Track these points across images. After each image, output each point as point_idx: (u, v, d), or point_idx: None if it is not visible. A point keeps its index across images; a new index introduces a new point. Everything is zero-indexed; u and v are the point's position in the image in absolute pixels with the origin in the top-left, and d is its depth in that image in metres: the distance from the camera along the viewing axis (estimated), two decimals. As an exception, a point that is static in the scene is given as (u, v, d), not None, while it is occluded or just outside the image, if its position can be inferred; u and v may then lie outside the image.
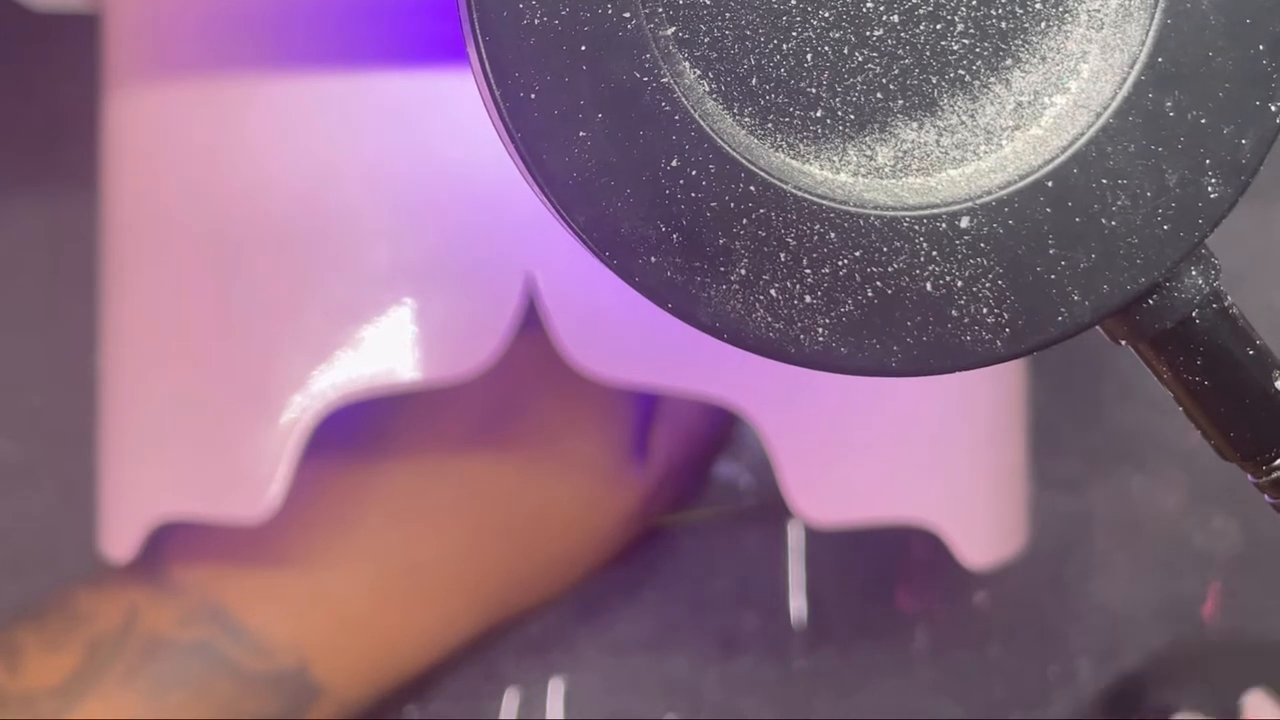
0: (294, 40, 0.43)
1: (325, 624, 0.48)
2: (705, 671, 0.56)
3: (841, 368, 0.25)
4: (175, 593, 0.48)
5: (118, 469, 0.47)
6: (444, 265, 0.43)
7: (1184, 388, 0.27)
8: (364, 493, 0.49)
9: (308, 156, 0.43)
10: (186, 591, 0.48)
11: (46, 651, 0.47)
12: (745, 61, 0.25)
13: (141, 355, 0.46)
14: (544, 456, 0.50)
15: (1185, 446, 0.56)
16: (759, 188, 0.24)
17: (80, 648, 0.47)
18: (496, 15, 0.24)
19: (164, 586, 0.48)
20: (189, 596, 0.48)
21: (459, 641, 0.51)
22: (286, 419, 0.43)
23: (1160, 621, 0.56)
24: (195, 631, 0.47)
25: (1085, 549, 0.56)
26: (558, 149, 0.24)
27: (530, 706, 0.55)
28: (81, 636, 0.47)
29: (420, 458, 0.49)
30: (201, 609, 0.47)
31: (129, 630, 0.47)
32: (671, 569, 0.56)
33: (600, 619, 0.56)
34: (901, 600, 0.56)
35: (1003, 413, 0.48)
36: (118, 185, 0.46)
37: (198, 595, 0.48)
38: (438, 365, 0.43)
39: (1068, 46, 0.25)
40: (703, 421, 0.53)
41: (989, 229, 0.25)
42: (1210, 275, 0.26)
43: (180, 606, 0.48)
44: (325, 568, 0.48)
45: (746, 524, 0.57)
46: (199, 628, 0.47)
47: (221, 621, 0.47)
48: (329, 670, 0.48)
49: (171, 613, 0.47)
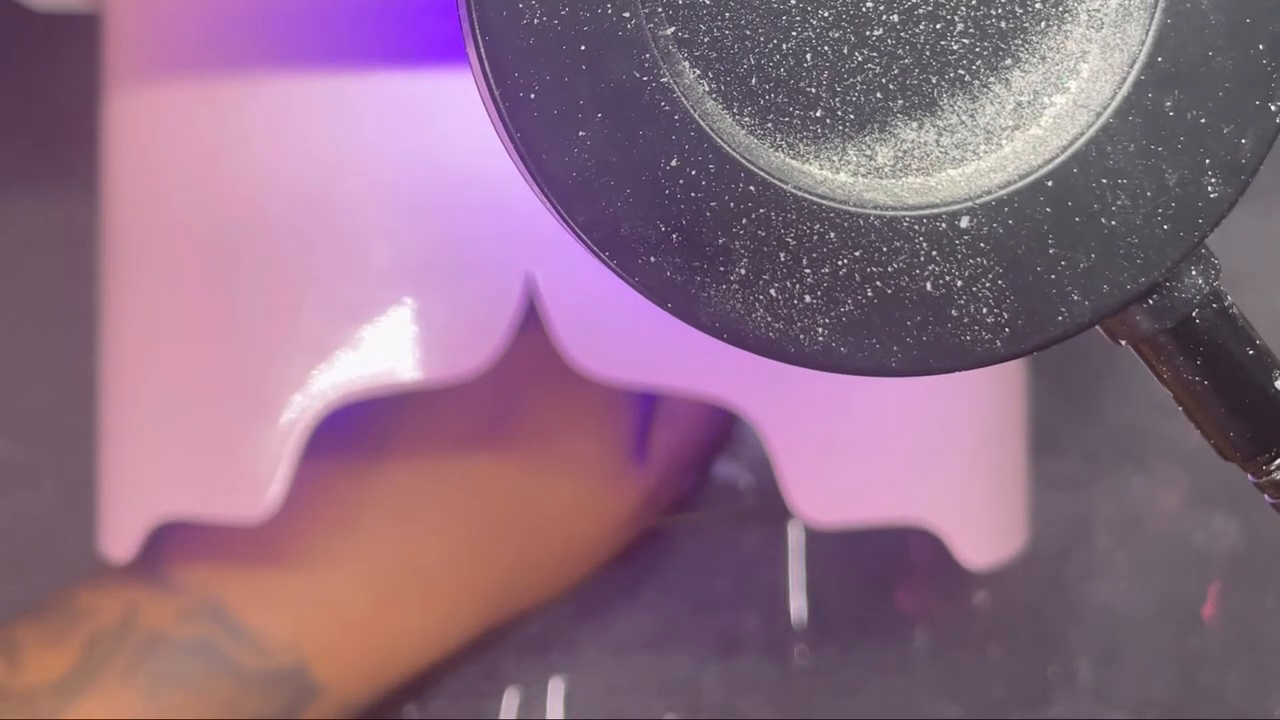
0: (294, 40, 0.43)
1: (325, 624, 0.48)
2: (705, 671, 0.56)
3: (841, 368, 0.25)
4: (175, 590, 0.48)
5: (118, 469, 0.47)
6: (444, 265, 0.43)
7: (1184, 388, 0.27)
8: (364, 493, 0.49)
9: (308, 156, 0.43)
10: (186, 589, 0.48)
11: (45, 647, 0.47)
12: (745, 61, 0.25)
13: (141, 355, 0.46)
14: (544, 456, 0.50)
15: (1185, 446, 0.56)
16: (759, 187, 0.24)
17: (79, 644, 0.47)
18: (496, 15, 0.24)
19: (164, 584, 0.48)
20: (189, 594, 0.48)
21: (459, 642, 0.51)
22: (286, 419, 0.43)
23: (1160, 621, 0.56)
24: (194, 629, 0.47)
25: (1085, 549, 0.56)
26: (557, 149, 0.24)
27: (530, 706, 0.55)
28: (80, 632, 0.47)
29: (420, 458, 0.49)
30: (201, 606, 0.47)
31: (128, 626, 0.47)
32: (671, 569, 0.56)
33: (600, 619, 0.56)
34: (901, 600, 0.56)
35: (1003, 413, 0.48)
36: (118, 185, 0.46)
37: (197, 593, 0.48)
38: (438, 365, 0.43)
39: (1067, 46, 0.25)
40: (702, 421, 0.53)
41: (989, 229, 0.25)
42: (1210, 275, 0.26)
43: (180, 603, 0.48)
44: (325, 568, 0.48)
45: (746, 524, 0.56)
46: (198, 625, 0.47)
47: (221, 619, 0.47)
48: (328, 670, 0.48)
49: (171, 609, 0.47)
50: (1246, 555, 0.56)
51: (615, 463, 0.51)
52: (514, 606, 0.52)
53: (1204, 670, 0.55)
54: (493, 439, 0.50)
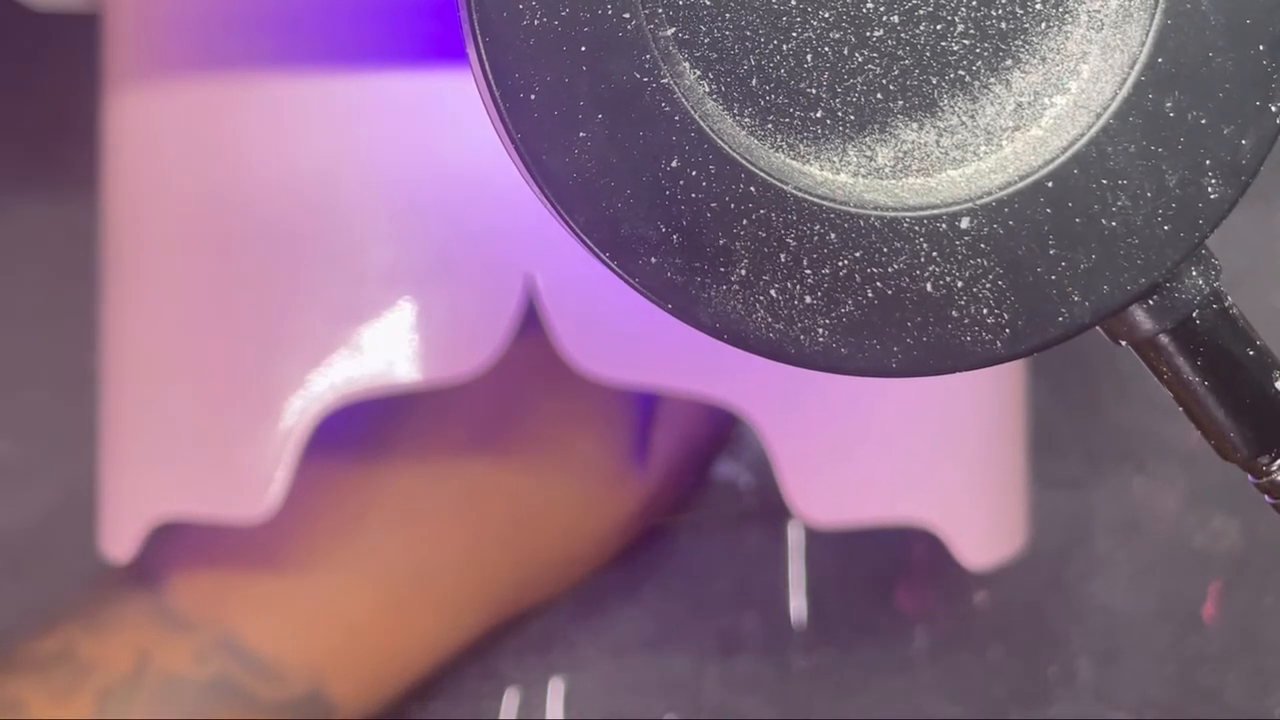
0: (294, 40, 0.43)
1: (332, 633, 0.48)
2: (705, 671, 0.56)
3: (841, 368, 0.25)
4: (185, 628, 0.47)
5: (118, 469, 0.47)
6: (444, 266, 0.43)
7: (1184, 388, 0.27)
8: (365, 498, 0.49)
9: (308, 157, 0.43)
10: (194, 625, 0.47)
11: (53, 708, 0.45)
12: (745, 62, 0.25)
13: (141, 355, 0.46)
14: (544, 457, 0.50)
15: (1185, 446, 0.56)
16: (759, 188, 0.24)
17: (90, 700, 0.46)
18: (496, 16, 0.24)
19: (171, 621, 0.47)
20: (201, 632, 0.47)
21: (463, 644, 0.51)
22: (286, 419, 0.43)
23: (1160, 621, 0.56)
24: (210, 667, 0.46)
25: (1085, 549, 0.56)
26: (557, 150, 0.24)
27: (530, 706, 0.55)
28: (91, 688, 0.46)
29: (420, 461, 0.49)
30: (215, 643, 0.47)
31: (142, 674, 0.46)
32: (671, 569, 0.56)
33: (600, 619, 0.56)
34: (901, 600, 0.56)
35: (1003, 413, 0.48)
36: (118, 185, 0.46)
37: (209, 629, 0.47)
38: (437, 366, 0.43)
39: (1068, 47, 0.25)
40: (703, 422, 0.53)
41: (989, 230, 0.25)
42: (1210, 276, 0.26)
43: (194, 643, 0.47)
44: (327, 575, 0.48)
45: (746, 524, 0.56)
46: (215, 663, 0.46)
47: (236, 653, 0.47)
48: (341, 684, 0.48)
49: (186, 651, 0.46)
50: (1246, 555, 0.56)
51: (615, 464, 0.51)
52: (515, 607, 0.52)
53: (1204, 670, 0.55)
54: (492, 440, 0.49)
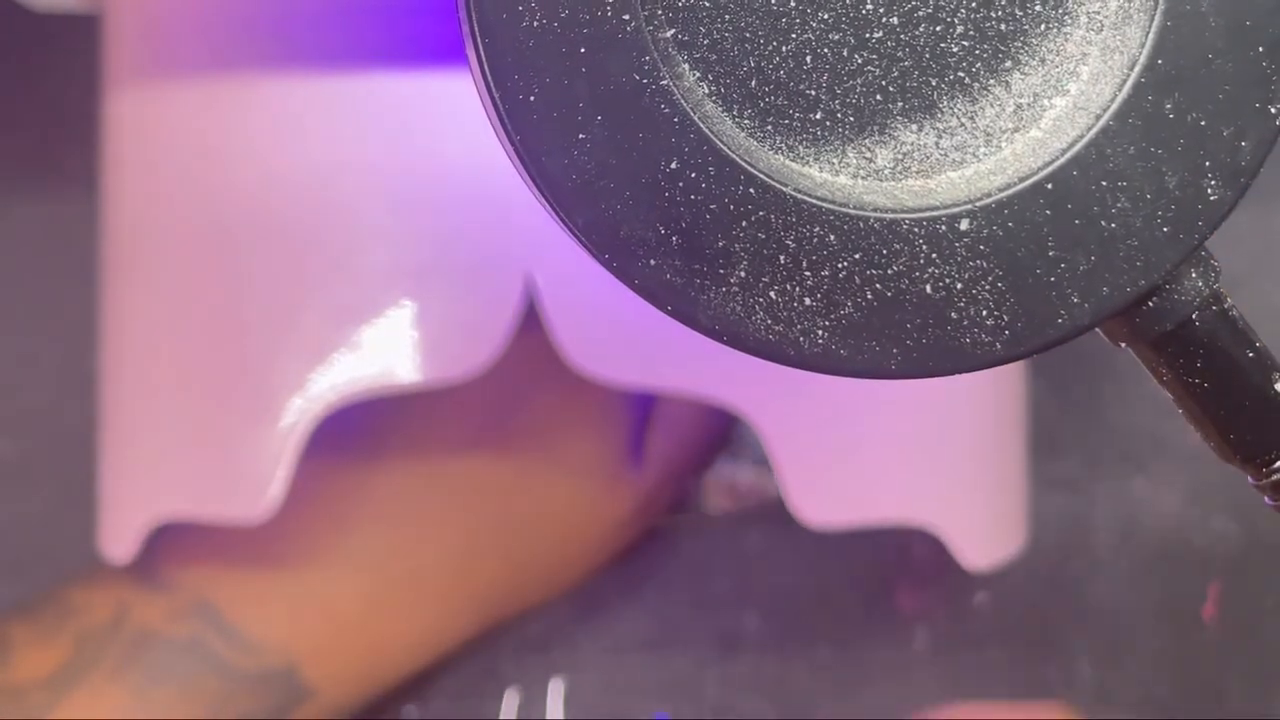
0: (294, 40, 0.43)
1: (317, 626, 0.48)
2: (705, 671, 0.56)
3: (841, 370, 0.25)
4: (166, 589, 0.48)
5: (117, 469, 0.47)
6: (444, 266, 0.43)
7: (1184, 390, 0.27)
8: (360, 495, 0.49)
9: (307, 157, 0.43)
10: (178, 588, 0.48)
11: (36, 645, 0.47)
12: (745, 64, 0.25)
13: (141, 356, 0.46)
14: (541, 458, 0.50)
15: (1185, 446, 0.56)
16: (758, 190, 0.24)
17: (69, 641, 0.47)
18: (496, 18, 0.24)
19: (156, 583, 0.48)
20: (181, 593, 0.48)
21: (453, 644, 0.51)
22: (286, 420, 0.43)
23: (1160, 621, 0.56)
24: (185, 628, 0.47)
25: (1085, 549, 0.56)
26: (557, 151, 0.24)
27: (530, 706, 0.55)
28: (71, 630, 0.47)
29: (417, 460, 0.49)
30: (192, 606, 0.47)
31: (119, 624, 0.47)
32: (671, 569, 0.56)
33: (600, 619, 0.56)
34: (901, 600, 0.56)
35: (1002, 414, 0.48)
36: (118, 185, 0.46)
37: (189, 593, 0.48)
38: (437, 366, 0.43)
39: (1067, 49, 0.25)
40: (701, 423, 0.53)
41: (988, 231, 0.25)
42: (1210, 277, 0.26)
43: (171, 602, 0.48)
44: (319, 570, 0.48)
45: (746, 524, 0.56)
46: (189, 624, 0.47)
47: (211, 618, 0.47)
48: (319, 671, 0.48)
49: (162, 608, 0.47)
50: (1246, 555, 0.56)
51: (613, 464, 0.51)
52: (510, 609, 0.52)
53: (1204, 670, 0.55)
54: (490, 440, 0.49)
